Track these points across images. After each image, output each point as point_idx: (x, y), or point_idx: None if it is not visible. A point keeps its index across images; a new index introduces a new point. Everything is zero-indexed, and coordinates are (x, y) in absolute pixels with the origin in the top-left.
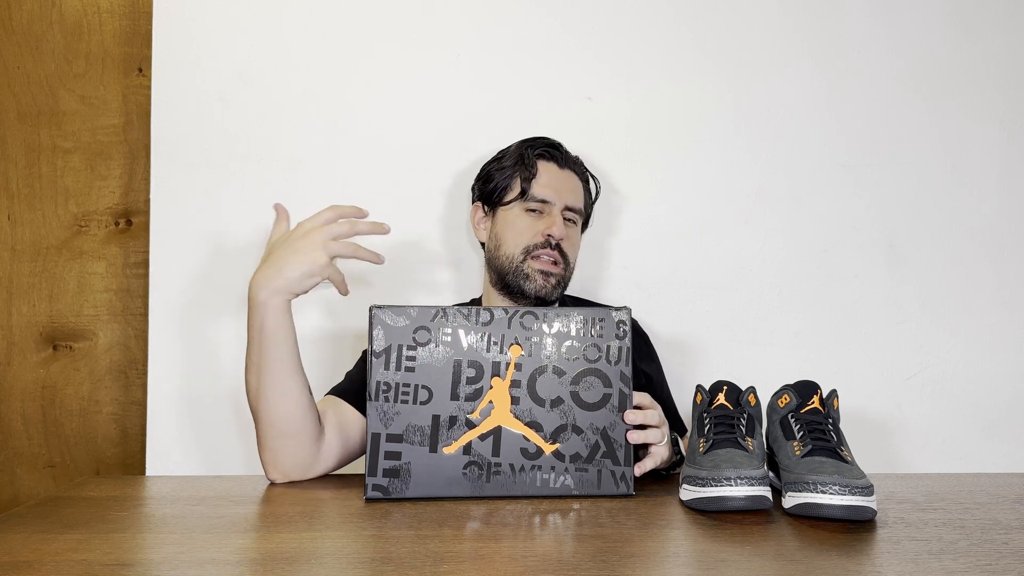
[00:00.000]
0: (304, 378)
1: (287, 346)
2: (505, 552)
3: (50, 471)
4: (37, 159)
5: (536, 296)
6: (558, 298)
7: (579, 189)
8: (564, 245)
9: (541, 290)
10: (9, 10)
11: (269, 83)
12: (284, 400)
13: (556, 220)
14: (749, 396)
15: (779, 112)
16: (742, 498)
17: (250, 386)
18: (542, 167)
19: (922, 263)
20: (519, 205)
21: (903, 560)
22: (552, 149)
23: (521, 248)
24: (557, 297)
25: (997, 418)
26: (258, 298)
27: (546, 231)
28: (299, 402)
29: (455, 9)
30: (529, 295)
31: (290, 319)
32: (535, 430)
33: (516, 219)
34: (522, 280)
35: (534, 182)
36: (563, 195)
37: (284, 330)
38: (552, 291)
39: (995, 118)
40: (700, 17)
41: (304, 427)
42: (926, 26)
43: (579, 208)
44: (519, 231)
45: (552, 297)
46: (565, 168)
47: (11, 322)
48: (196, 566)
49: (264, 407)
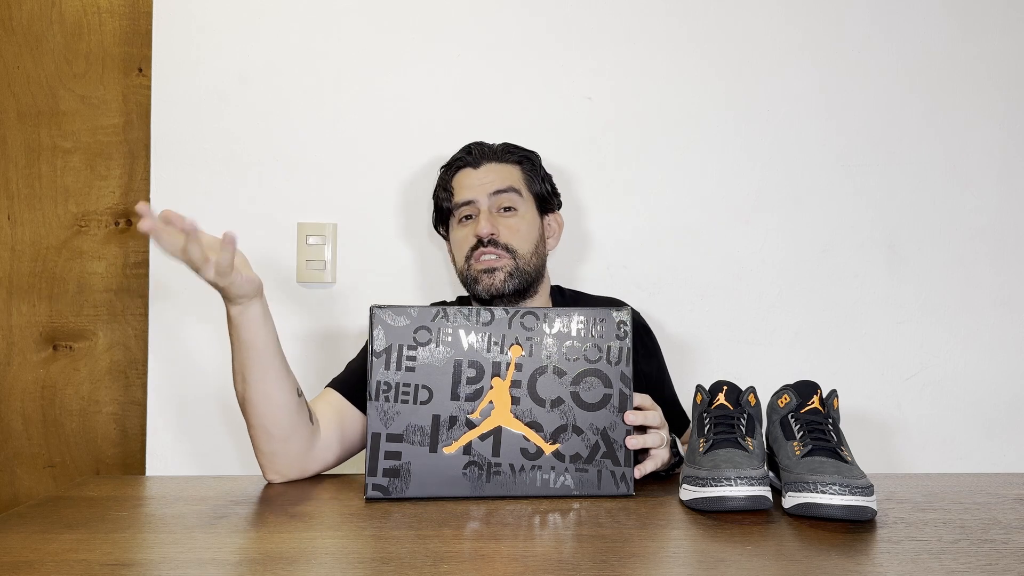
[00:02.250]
0: (290, 381)
1: (266, 351)
2: (505, 552)
3: (50, 471)
4: (37, 159)
5: (491, 295)
6: (517, 288)
7: (506, 173)
8: (501, 236)
9: (491, 288)
10: (9, 10)
11: (269, 83)
12: (271, 405)
13: (481, 219)
14: (749, 396)
15: (779, 112)
16: (742, 498)
17: (237, 393)
18: (458, 180)
19: (922, 263)
20: (453, 222)
21: (903, 560)
22: (465, 155)
23: (463, 258)
24: (515, 288)
25: (997, 418)
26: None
27: (474, 232)
28: (286, 406)
29: (455, 9)
30: (485, 296)
31: (264, 324)
32: (535, 430)
33: (456, 233)
34: (474, 284)
35: (454, 198)
36: (483, 188)
37: (259, 336)
38: (504, 284)
39: (995, 118)
40: (700, 17)
41: (295, 429)
42: (926, 26)
43: (508, 187)
44: (458, 243)
45: (508, 289)
46: (482, 164)
47: (11, 322)
48: (196, 566)
49: (252, 412)
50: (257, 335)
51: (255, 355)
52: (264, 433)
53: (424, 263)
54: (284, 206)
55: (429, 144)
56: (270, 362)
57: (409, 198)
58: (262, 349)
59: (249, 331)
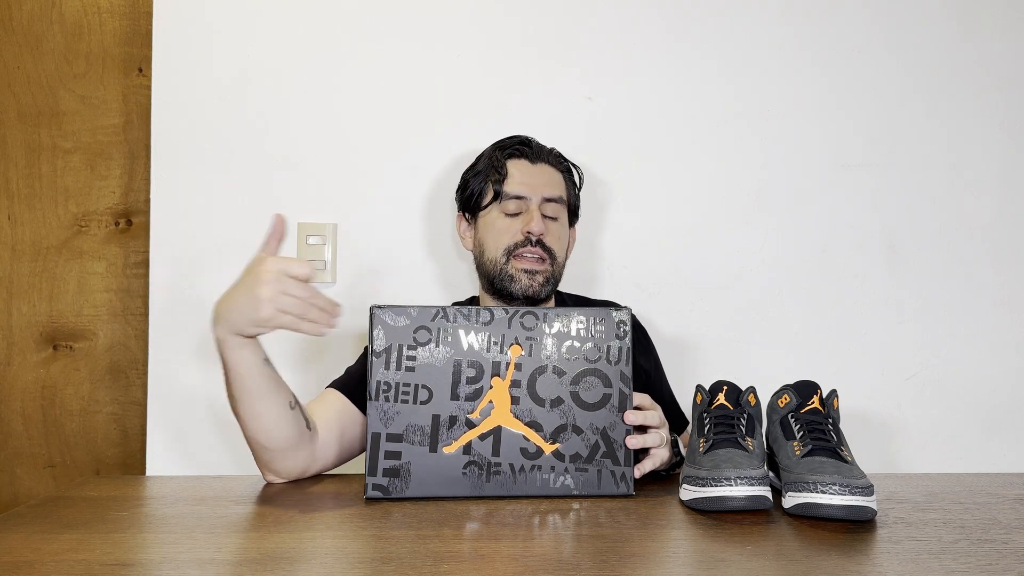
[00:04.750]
0: (281, 394)
1: (256, 373)
2: (505, 552)
3: (50, 471)
4: (37, 159)
5: (524, 296)
6: (549, 295)
7: (557, 179)
8: (547, 240)
9: (528, 289)
10: (9, 10)
11: (269, 83)
12: (263, 420)
13: (534, 216)
14: (749, 396)
15: (779, 112)
16: (742, 498)
17: (230, 405)
18: (513, 166)
19: (922, 263)
20: (496, 208)
21: (903, 560)
22: (522, 146)
23: (503, 250)
24: (548, 294)
25: (997, 418)
26: (216, 332)
27: (525, 228)
28: (277, 422)
29: (455, 9)
30: (517, 296)
31: (250, 351)
32: (535, 430)
33: (495, 222)
34: (508, 282)
35: (506, 183)
36: (538, 189)
37: (245, 363)
38: (540, 289)
39: (995, 118)
40: (701, 17)
41: (289, 441)
42: (926, 26)
43: (559, 197)
44: (498, 233)
45: (542, 295)
46: (538, 162)
47: (11, 322)
48: (196, 566)
49: (246, 427)
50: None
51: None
52: (259, 446)
53: (425, 263)
54: (284, 206)
55: (430, 144)
56: (256, 384)
57: (409, 198)
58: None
59: (234, 354)
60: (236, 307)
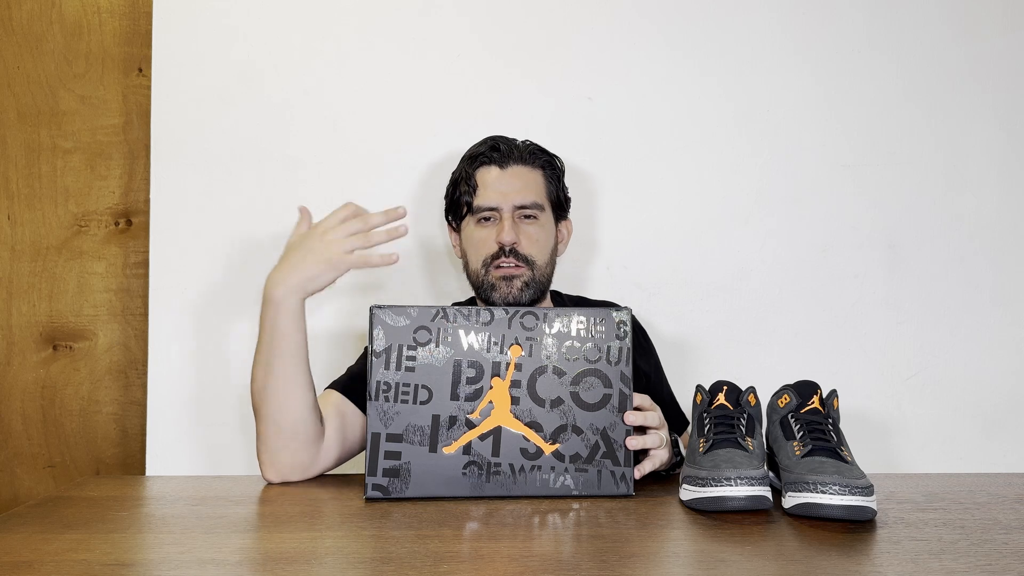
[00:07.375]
0: (310, 379)
1: (297, 346)
2: (505, 552)
3: (50, 471)
4: (37, 159)
5: (506, 303)
6: (533, 298)
7: (532, 179)
8: (522, 248)
9: (507, 296)
10: (9, 10)
11: (269, 83)
12: (289, 399)
13: (504, 226)
14: (749, 396)
15: (779, 112)
16: (742, 498)
17: (256, 383)
18: (482, 176)
19: (922, 263)
20: (471, 219)
21: (903, 560)
22: (492, 152)
23: (481, 261)
24: (531, 298)
25: (997, 418)
26: (274, 296)
27: (497, 239)
28: (304, 403)
29: (455, 9)
30: (499, 304)
31: (303, 320)
32: (535, 430)
33: (472, 233)
34: (490, 291)
35: (476, 195)
36: (509, 196)
37: (296, 330)
38: (520, 293)
39: (995, 118)
40: (701, 17)
41: (306, 428)
42: (926, 26)
43: (533, 202)
44: (476, 245)
45: (523, 299)
46: (509, 165)
47: (11, 322)
48: (196, 566)
49: (268, 405)
50: (295, 324)
51: (287, 344)
52: (275, 427)
53: (425, 263)
54: (284, 206)
55: (430, 144)
56: (298, 355)
57: (409, 198)
58: (294, 341)
59: (289, 318)
60: (303, 263)
